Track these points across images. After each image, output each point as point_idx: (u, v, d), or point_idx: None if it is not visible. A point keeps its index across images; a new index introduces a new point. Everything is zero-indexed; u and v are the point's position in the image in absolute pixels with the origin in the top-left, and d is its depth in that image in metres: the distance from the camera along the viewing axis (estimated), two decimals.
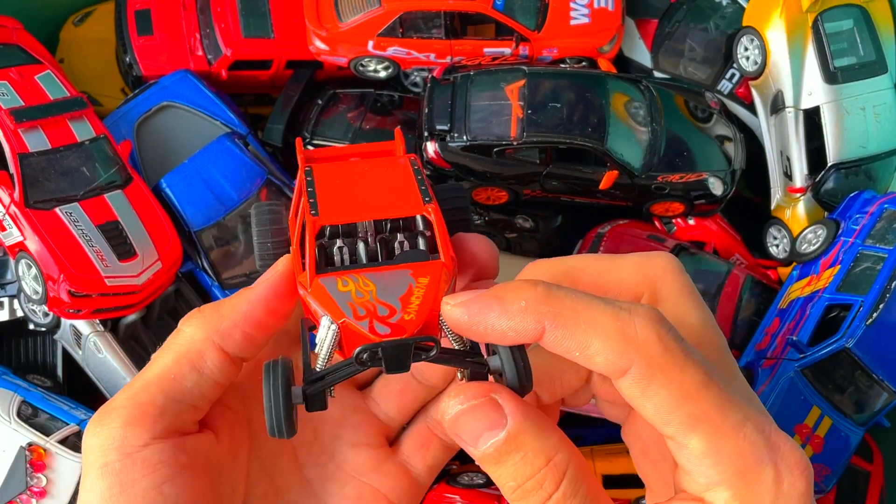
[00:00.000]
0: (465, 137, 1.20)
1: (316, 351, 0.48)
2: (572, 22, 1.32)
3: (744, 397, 0.46)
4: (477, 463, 0.47)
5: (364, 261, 0.50)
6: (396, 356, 0.45)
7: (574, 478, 0.46)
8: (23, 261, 1.10)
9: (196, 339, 0.52)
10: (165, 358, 0.52)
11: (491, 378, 0.48)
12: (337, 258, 0.50)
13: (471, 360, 0.48)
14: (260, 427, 0.58)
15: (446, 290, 0.48)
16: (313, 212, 0.50)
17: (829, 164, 1.24)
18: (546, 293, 0.45)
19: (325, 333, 0.47)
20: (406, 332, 0.45)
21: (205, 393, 0.52)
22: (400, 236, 0.51)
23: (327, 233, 0.51)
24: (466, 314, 0.46)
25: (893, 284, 1.10)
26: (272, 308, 0.52)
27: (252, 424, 0.58)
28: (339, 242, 0.50)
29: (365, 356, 0.45)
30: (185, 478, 0.51)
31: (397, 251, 0.50)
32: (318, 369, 0.47)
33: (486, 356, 0.48)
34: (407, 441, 0.62)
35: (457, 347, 0.49)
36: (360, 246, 0.50)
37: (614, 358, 0.44)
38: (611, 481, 1.21)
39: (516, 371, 0.46)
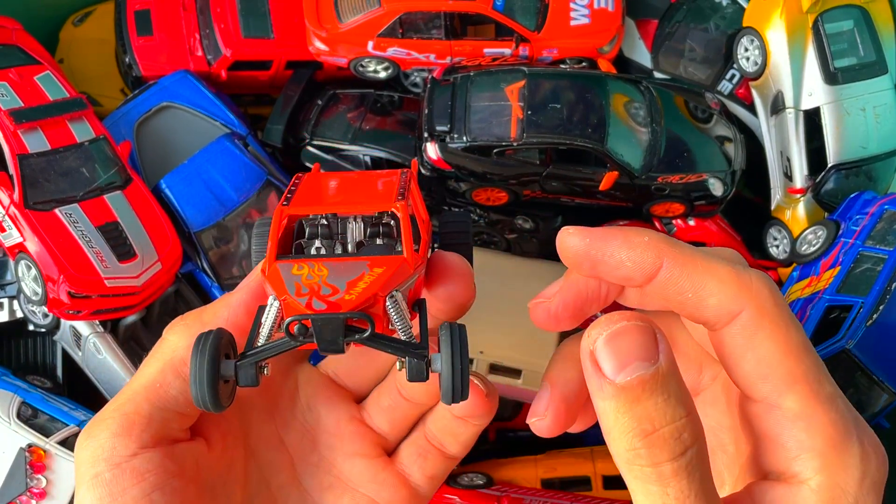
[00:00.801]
0: (465, 138, 1.20)
1: (259, 330, 0.48)
2: (572, 22, 1.32)
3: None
4: (599, 391, 0.43)
5: None
6: (327, 331, 0.44)
7: (704, 443, 0.43)
8: (22, 262, 1.10)
9: (179, 346, 0.52)
10: (151, 367, 0.52)
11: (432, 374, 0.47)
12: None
13: (414, 351, 0.46)
14: (258, 436, 0.58)
15: (402, 283, 0.47)
16: (284, 202, 0.51)
17: (829, 165, 1.24)
18: (666, 236, 0.47)
19: (268, 311, 0.47)
20: (341, 309, 0.44)
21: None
22: (379, 241, 0.51)
23: (307, 232, 0.51)
24: (588, 238, 0.47)
25: (893, 286, 1.10)
26: (253, 311, 0.51)
27: (249, 433, 0.58)
28: (317, 243, 0.51)
29: (295, 328, 0.44)
30: (175, 485, 0.51)
31: None
32: (258, 346, 0.47)
33: (430, 353, 0.46)
34: (404, 451, 0.62)
35: (402, 338, 0.47)
36: (339, 248, 0.51)
37: (727, 300, 0.45)
38: (611, 482, 1.21)
39: (451, 378, 0.45)
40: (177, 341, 0.52)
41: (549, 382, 0.52)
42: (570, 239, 0.48)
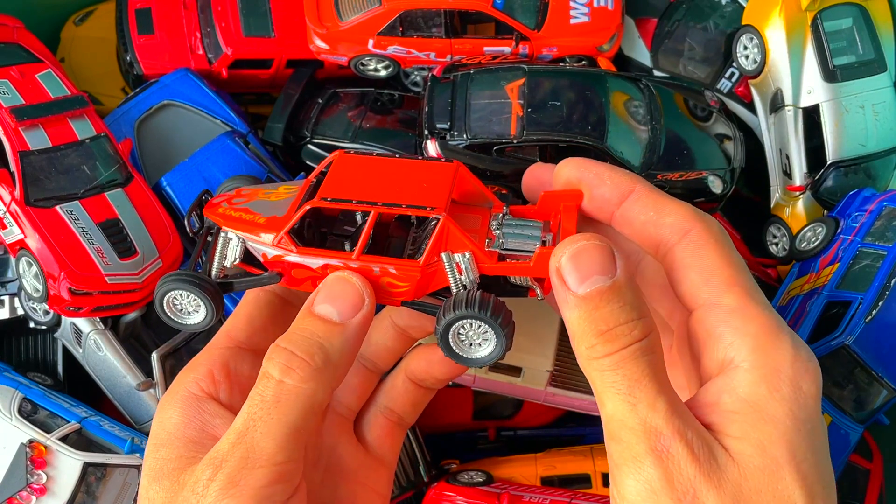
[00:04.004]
0: (465, 136, 1.20)
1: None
2: (572, 21, 1.32)
3: None
4: (564, 303, 0.50)
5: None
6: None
7: (654, 340, 0.50)
8: (23, 259, 1.10)
9: (319, 394, 0.54)
10: (293, 415, 0.53)
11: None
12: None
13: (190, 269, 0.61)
14: None
15: (247, 234, 0.61)
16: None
17: (828, 163, 1.24)
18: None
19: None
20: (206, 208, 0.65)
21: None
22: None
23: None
24: (581, 159, 0.58)
25: (892, 282, 1.10)
26: (364, 337, 0.57)
27: None
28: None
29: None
30: None
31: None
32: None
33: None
34: (371, 435, 0.67)
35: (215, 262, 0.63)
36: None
37: (681, 220, 0.55)
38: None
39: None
40: (315, 388, 0.53)
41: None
42: (566, 165, 0.59)
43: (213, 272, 0.63)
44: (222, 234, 0.62)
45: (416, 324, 0.66)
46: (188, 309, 0.62)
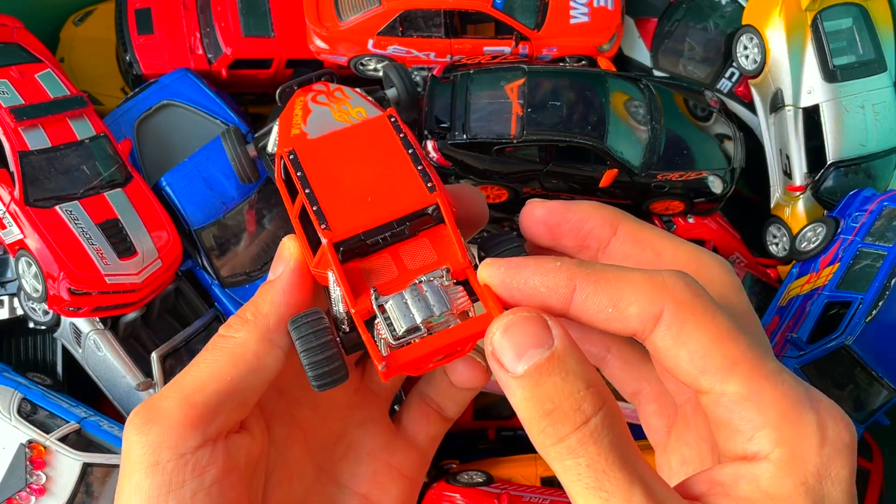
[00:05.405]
0: (465, 135, 1.20)
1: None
2: (572, 21, 1.32)
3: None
4: (507, 387, 0.44)
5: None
6: None
7: (611, 412, 0.44)
8: (23, 259, 1.10)
9: (250, 341, 0.53)
10: (219, 361, 0.52)
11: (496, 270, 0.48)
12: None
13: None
14: (271, 413, 0.59)
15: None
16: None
17: (828, 163, 1.24)
18: (579, 260, 0.47)
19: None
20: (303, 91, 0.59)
21: (257, 391, 0.53)
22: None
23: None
24: (503, 267, 0.48)
25: (893, 282, 1.10)
26: (303, 292, 0.54)
27: (263, 410, 0.59)
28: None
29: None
30: (232, 480, 0.52)
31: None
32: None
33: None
34: (406, 417, 0.65)
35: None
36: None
37: (646, 303, 0.44)
38: None
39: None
40: (245, 336, 0.53)
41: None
42: (485, 270, 0.49)
43: (269, 147, 0.64)
44: (278, 120, 0.59)
45: None
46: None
